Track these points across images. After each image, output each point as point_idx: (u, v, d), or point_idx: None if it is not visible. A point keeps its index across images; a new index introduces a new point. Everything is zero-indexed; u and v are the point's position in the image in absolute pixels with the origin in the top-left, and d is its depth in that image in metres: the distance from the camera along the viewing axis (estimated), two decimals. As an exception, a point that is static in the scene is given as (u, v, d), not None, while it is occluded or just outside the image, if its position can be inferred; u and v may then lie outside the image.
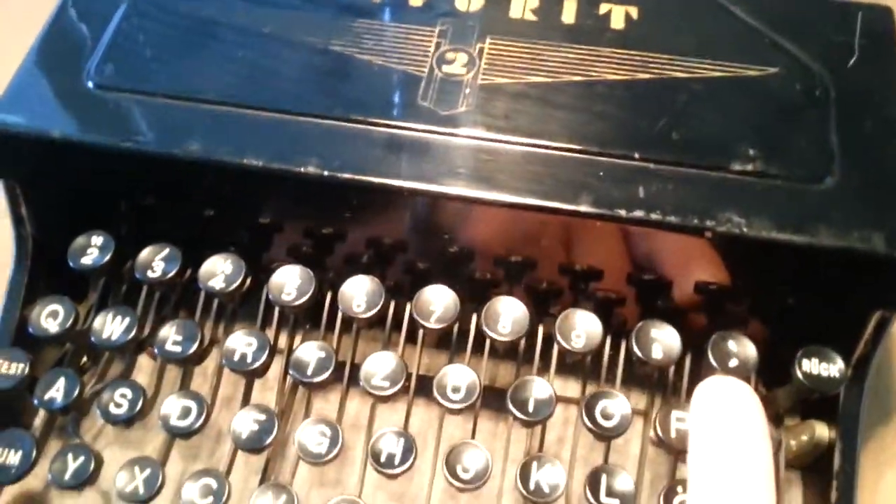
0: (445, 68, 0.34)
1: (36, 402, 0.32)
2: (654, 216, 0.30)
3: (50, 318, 0.33)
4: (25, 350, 0.34)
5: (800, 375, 0.30)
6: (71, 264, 0.34)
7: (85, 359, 0.37)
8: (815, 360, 0.30)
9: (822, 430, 0.33)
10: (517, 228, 0.32)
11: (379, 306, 0.32)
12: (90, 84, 0.34)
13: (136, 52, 0.35)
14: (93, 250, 0.33)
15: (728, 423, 0.26)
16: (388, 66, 0.34)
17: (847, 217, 0.30)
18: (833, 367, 0.30)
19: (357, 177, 0.31)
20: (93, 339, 0.33)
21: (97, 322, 0.33)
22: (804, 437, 0.34)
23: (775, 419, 0.34)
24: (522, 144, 0.32)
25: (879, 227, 0.29)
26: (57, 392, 0.32)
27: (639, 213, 0.30)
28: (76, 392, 0.32)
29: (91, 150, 0.33)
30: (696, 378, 0.29)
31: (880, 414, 0.39)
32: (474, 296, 0.34)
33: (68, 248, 0.35)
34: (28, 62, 0.35)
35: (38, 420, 0.36)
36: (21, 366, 0.32)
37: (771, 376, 0.32)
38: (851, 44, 0.35)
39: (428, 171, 0.31)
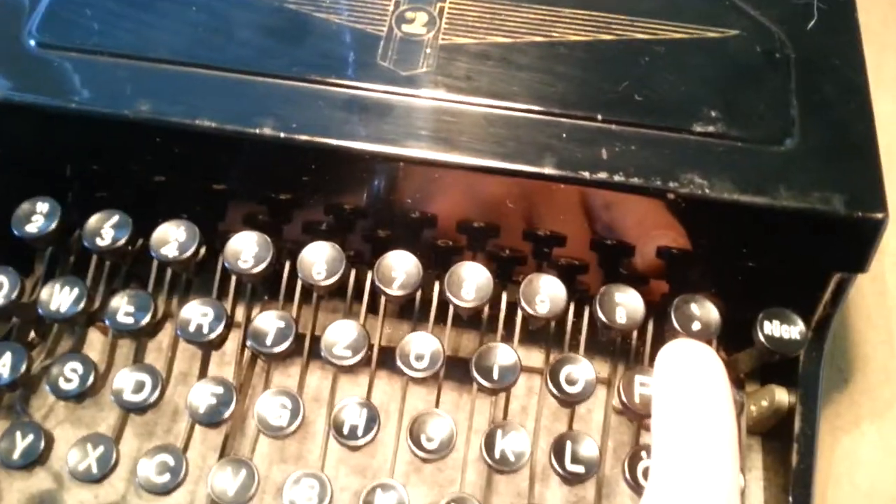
0: (405, 27, 0.33)
1: (-20, 378, 0.31)
2: (617, 178, 0.30)
3: (-8, 289, 0.31)
4: (-33, 324, 0.32)
5: (761, 338, 0.30)
6: (15, 232, 0.32)
7: (32, 334, 0.35)
8: (776, 323, 0.30)
9: (782, 395, 0.34)
10: (480, 192, 0.31)
11: (340, 273, 0.31)
12: (32, 43, 0.33)
13: (80, 9, 0.34)
14: (38, 217, 0.32)
15: (692, 385, 0.26)
16: (346, 24, 0.33)
17: (807, 178, 0.30)
18: (794, 329, 0.30)
19: (315, 139, 0.31)
20: (40, 311, 0.31)
21: (44, 293, 0.31)
22: (764, 403, 0.34)
23: (737, 383, 0.34)
24: (484, 106, 0.31)
25: (839, 189, 0.30)
26: (3, 367, 0.31)
27: (602, 175, 0.30)
28: (23, 367, 0.31)
29: (35, 112, 0.32)
30: (659, 343, 0.28)
31: (835, 380, 0.40)
32: (437, 263, 0.33)
33: (5, 211, 0.33)
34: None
35: (-15, 398, 0.34)
36: (-37, 341, 0.31)
37: (733, 340, 0.32)
38: (811, 6, 0.35)
39: (388, 133, 0.31)
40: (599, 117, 0.31)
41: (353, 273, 0.33)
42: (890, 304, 0.42)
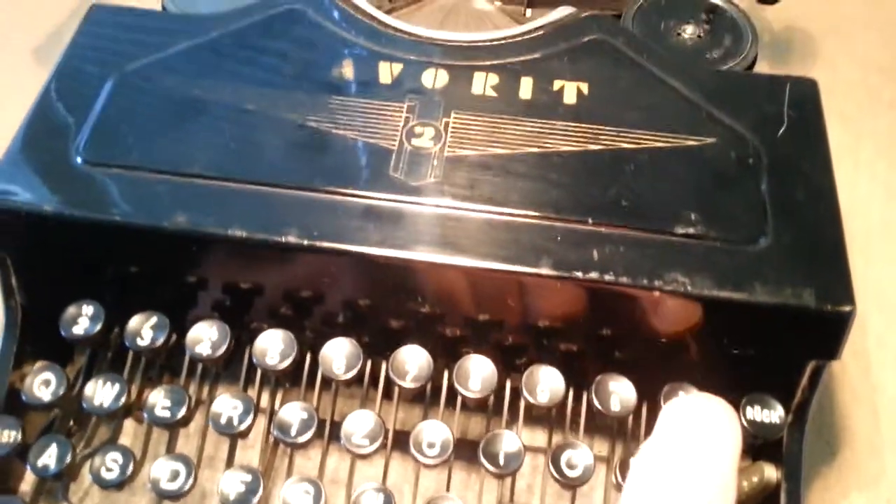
0: (414, 141, 0.37)
1: (30, 469, 0.33)
2: (607, 277, 0.33)
3: (42, 386, 0.34)
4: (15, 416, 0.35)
5: (745, 423, 0.33)
6: (63, 334, 0.35)
7: (72, 423, 0.38)
8: (757, 408, 0.33)
9: (771, 472, 0.36)
10: (483, 290, 0.35)
11: (358, 367, 0.34)
12: (79, 160, 0.37)
13: (123, 128, 0.38)
14: (83, 320, 0.35)
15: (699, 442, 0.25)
16: (361, 139, 0.37)
17: (780, 275, 0.33)
18: (774, 414, 0.33)
19: (334, 245, 0.34)
20: (84, 405, 0.34)
21: (88, 389, 0.34)
22: (755, 479, 0.37)
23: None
24: (486, 212, 0.35)
25: (809, 284, 0.33)
26: (50, 458, 0.33)
27: (593, 275, 0.33)
28: (69, 458, 0.33)
29: (80, 225, 0.35)
30: (651, 426, 0.31)
31: (824, 453, 0.42)
32: (446, 352, 0.36)
33: (56, 314, 0.36)
34: (18, 138, 0.38)
35: (27, 485, 0.37)
36: (14, 433, 0.34)
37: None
38: (781, 114, 0.38)
39: (399, 239, 0.34)
40: (590, 221, 0.34)
41: (369, 363, 0.36)
42: (873, 380, 0.45)
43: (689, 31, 0.44)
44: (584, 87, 0.39)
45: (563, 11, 0.44)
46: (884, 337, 0.47)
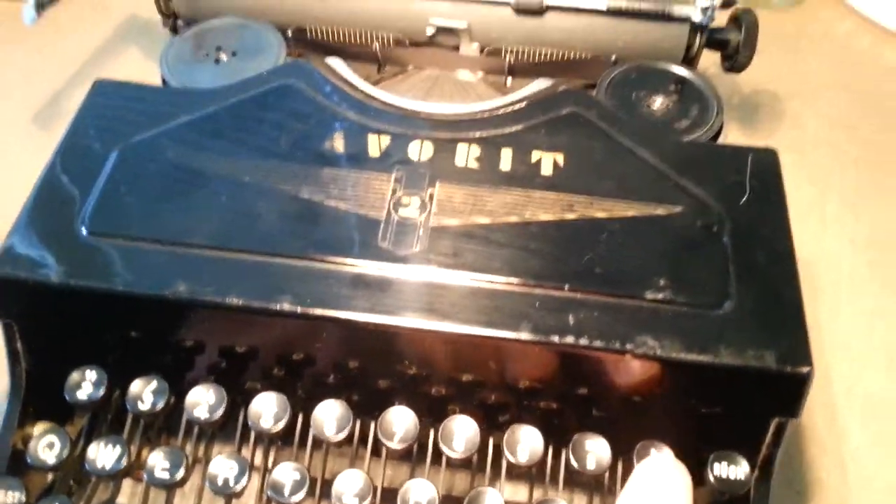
0: (401, 211, 0.40)
1: (34, 529, 0.35)
2: (582, 341, 0.35)
3: (47, 448, 0.36)
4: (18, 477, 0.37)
5: (712, 479, 0.35)
6: (67, 398, 0.37)
7: (72, 482, 0.40)
8: (724, 464, 0.35)
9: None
10: (466, 354, 0.37)
11: (347, 429, 0.36)
12: (84, 230, 0.39)
13: (126, 200, 0.40)
14: (86, 385, 0.37)
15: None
16: (351, 210, 0.40)
17: (743, 338, 0.35)
18: (740, 470, 0.35)
19: (326, 312, 0.36)
20: (86, 467, 0.36)
21: (90, 451, 0.36)
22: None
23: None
24: (469, 279, 0.37)
25: (771, 347, 0.35)
26: (53, 520, 0.35)
27: (569, 339, 0.35)
28: (71, 519, 0.35)
29: (85, 294, 0.37)
30: (625, 481, 0.33)
31: (794, 503, 0.44)
32: (432, 411, 0.38)
33: (58, 377, 0.38)
34: (26, 210, 0.40)
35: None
36: (17, 494, 0.35)
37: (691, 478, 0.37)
38: (743, 183, 0.41)
39: (387, 306, 0.36)
40: (566, 287, 0.37)
41: (358, 423, 0.38)
42: (839, 430, 0.47)
43: (658, 101, 0.47)
44: (560, 159, 0.42)
45: (541, 84, 0.47)
46: (851, 388, 0.49)
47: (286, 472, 0.36)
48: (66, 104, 0.63)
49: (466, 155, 0.42)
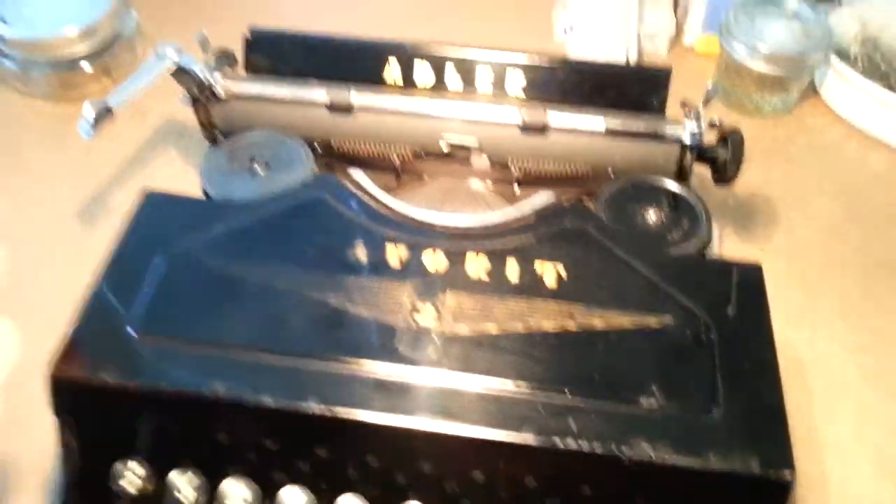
0: (417, 318, 0.44)
1: None
2: (582, 445, 0.38)
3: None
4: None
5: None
6: (113, 489, 0.40)
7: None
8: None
9: None
10: (476, 453, 0.40)
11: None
12: (134, 333, 0.43)
13: (172, 304, 0.44)
14: (130, 474, 0.41)
15: None
16: (372, 316, 0.44)
17: (730, 444, 0.38)
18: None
19: (349, 412, 0.40)
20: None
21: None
22: None
23: None
24: (478, 384, 0.41)
25: (755, 452, 0.38)
26: None
27: (570, 442, 0.39)
28: None
29: (134, 392, 0.41)
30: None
31: None
32: (445, 507, 0.41)
33: (103, 467, 0.42)
34: (81, 314, 0.44)
35: None
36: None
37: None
38: (730, 296, 0.45)
39: (404, 408, 0.40)
40: (567, 393, 0.40)
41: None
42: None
43: (652, 214, 0.52)
44: (562, 270, 0.46)
45: (545, 196, 0.52)
46: (843, 489, 0.51)
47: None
48: (110, 202, 0.68)
49: (476, 266, 0.46)
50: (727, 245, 0.67)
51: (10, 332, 0.58)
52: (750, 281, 0.46)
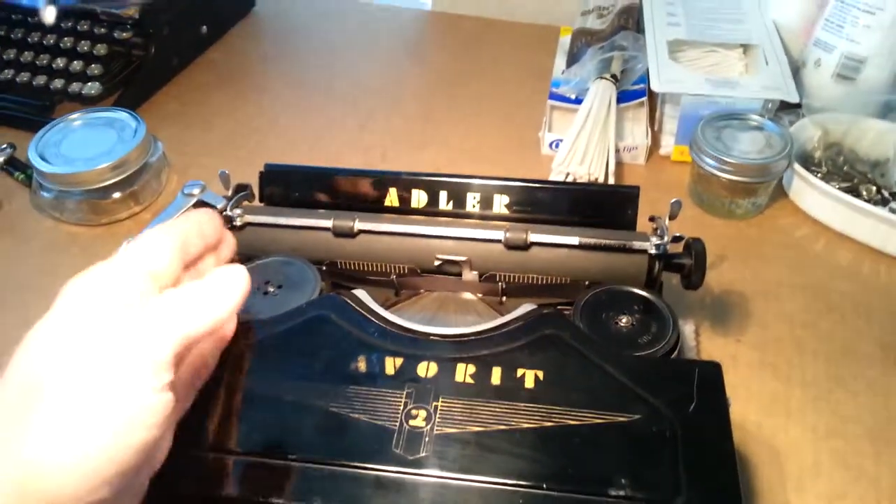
0: (411, 422, 0.49)
1: None
2: (557, 535, 0.43)
3: None
4: None
5: None
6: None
7: None
8: None
9: None
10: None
11: None
12: (157, 443, 0.48)
13: (188, 415, 0.50)
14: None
15: None
16: (371, 421, 0.49)
17: (692, 529, 0.43)
18: None
19: (350, 512, 0.45)
20: None
21: None
22: None
23: None
24: (466, 480, 0.46)
25: (715, 542, 0.43)
26: None
27: (548, 533, 0.43)
28: None
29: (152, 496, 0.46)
30: None
31: None
32: None
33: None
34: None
35: None
36: None
37: None
38: (691, 393, 0.50)
39: (401, 504, 0.45)
40: (545, 486, 0.45)
41: None
42: None
43: (623, 320, 0.57)
44: (541, 374, 0.51)
45: (527, 308, 0.58)
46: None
47: None
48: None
49: (464, 372, 0.52)
50: (705, 339, 0.72)
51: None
52: (709, 378, 0.51)
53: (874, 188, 0.85)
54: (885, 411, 0.66)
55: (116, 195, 0.86)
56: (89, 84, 1.01)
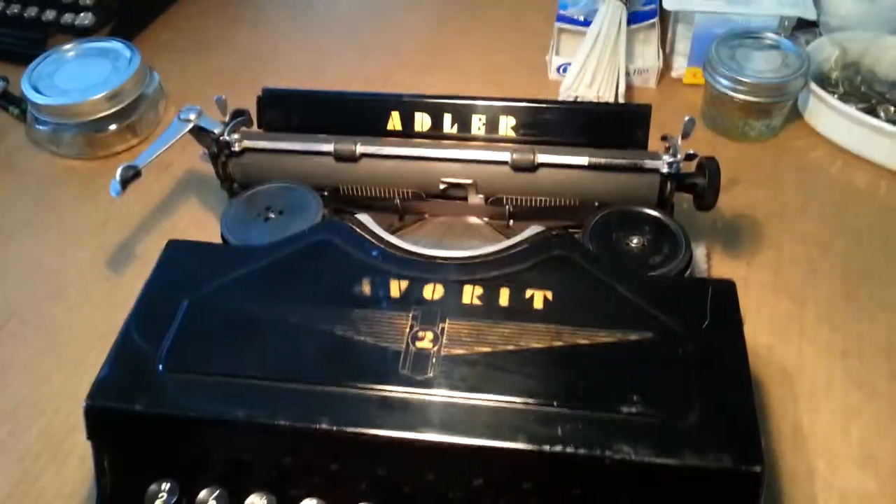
0: (418, 344, 0.48)
1: None
2: (569, 450, 0.42)
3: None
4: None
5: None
6: (147, 510, 0.45)
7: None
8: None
9: None
10: (476, 461, 0.44)
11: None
12: (161, 368, 0.48)
13: (195, 342, 0.49)
14: (163, 496, 0.45)
15: None
16: (377, 344, 0.48)
17: (705, 444, 0.42)
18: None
19: (357, 430, 0.44)
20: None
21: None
22: None
23: None
24: (476, 399, 0.45)
25: (727, 451, 0.42)
26: None
27: (558, 448, 0.42)
28: None
29: (162, 420, 0.46)
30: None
31: None
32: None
33: (135, 490, 0.46)
34: (113, 352, 0.49)
35: None
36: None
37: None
38: (705, 310, 0.49)
39: (408, 424, 0.44)
40: (555, 404, 0.44)
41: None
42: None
43: (635, 241, 0.56)
44: (550, 295, 0.50)
45: (535, 230, 0.56)
46: (828, 482, 0.55)
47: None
48: (136, 249, 0.74)
49: (472, 294, 0.51)
50: (717, 262, 0.70)
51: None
52: (723, 297, 0.50)
53: (893, 108, 0.82)
54: (900, 331, 0.64)
55: (113, 127, 0.84)
56: (82, 14, 0.97)
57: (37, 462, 0.57)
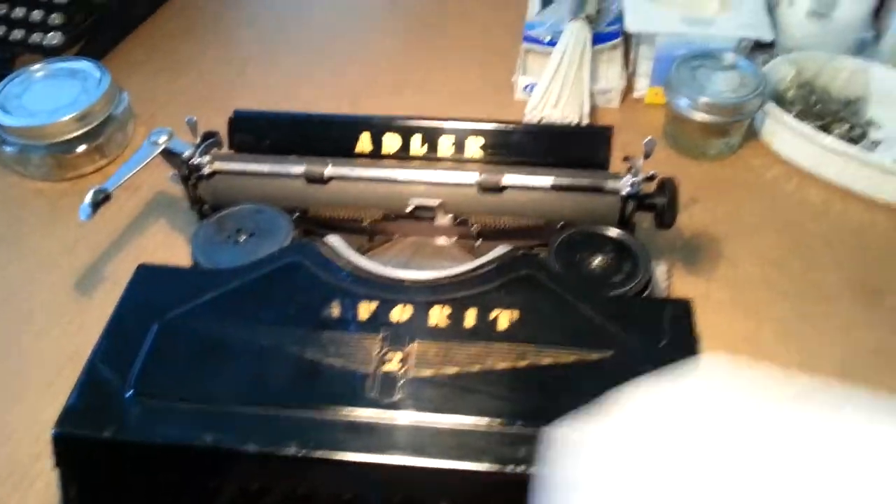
0: (386, 366, 0.49)
1: None
2: (531, 470, 0.44)
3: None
4: None
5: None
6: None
7: None
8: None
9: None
10: (441, 482, 0.45)
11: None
12: (130, 392, 0.48)
13: (164, 366, 0.49)
14: (132, 522, 0.45)
15: None
16: (344, 367, 0.49)
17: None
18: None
19: (325, 454, 0.45)
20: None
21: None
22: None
23: None
24: (441, 421, 0.46)
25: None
26: None
27: (521, 468, 0.44)
28: None
29: (130, 446, 0.46)
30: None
31: None
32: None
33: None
34: (83, 376, 0.49)
35: None
36: None
37: None
38: (662, 329, 0.50)
39: (375, 447, 0.45)
40: (519, 423, 0.46)
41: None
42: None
43: (597, 260, 0.57)
44: (515, 314, 0.51)
45: (501, 250, 0.58)
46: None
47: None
48: (105, 271, 0.73)
49: (439, 315, 0.52)
50: (677, 279, 0.72)
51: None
52: (681, 316, 0.51)
53: (846, 126, 0.85)
54: (854, 349, 0.67)
55: (81, 148, 0.83)
56: (51, 34, 0.97)
57: (1, 488, 0.57)
